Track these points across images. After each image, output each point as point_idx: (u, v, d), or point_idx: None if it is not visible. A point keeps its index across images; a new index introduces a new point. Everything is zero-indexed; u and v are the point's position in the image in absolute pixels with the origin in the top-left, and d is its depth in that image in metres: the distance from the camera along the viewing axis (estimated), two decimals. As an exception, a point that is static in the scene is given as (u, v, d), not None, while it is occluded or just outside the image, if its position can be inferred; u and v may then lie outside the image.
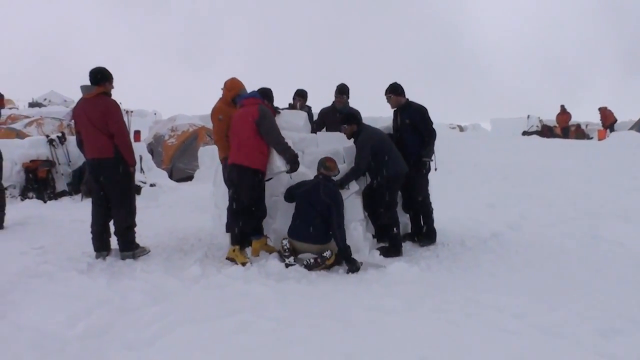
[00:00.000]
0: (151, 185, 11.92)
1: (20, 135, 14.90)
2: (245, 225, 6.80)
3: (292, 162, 6.67)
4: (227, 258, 6.68)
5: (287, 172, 6.80)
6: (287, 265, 6.29)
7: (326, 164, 6.61)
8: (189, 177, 15.07)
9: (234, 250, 6.67)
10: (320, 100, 9.57)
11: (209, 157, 13.70)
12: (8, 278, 5.91)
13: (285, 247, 6.41)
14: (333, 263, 6.39)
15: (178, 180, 14.42)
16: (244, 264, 6.45)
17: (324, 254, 6.35)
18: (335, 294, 5.50)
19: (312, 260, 6.31)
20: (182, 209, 10.36)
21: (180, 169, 15.57)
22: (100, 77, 6.78)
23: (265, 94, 7.23)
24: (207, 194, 10.06)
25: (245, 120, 6.64)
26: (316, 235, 6.41)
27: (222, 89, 8.04)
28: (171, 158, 15.75)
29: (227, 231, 7.54)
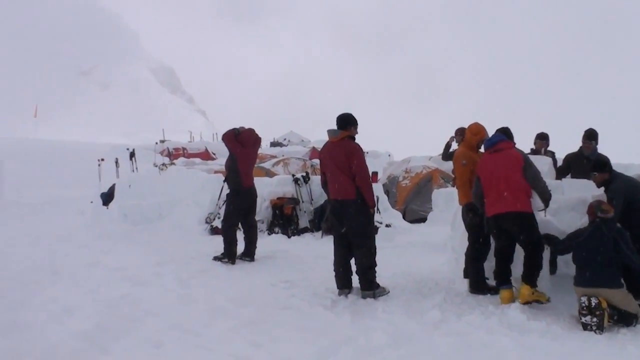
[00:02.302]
0: (387, 225, 12.15)
1: (269, 173, 16.15)
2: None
3: (548, 201, 6.61)
4: (525, 302, 6.46)
5: (541, 210, 6.73)
6: (584, 326, 5.83)
7: (602, 207, 6.22)
8: (422, 219, 15.10)
9: (532, 293, 6.51)
10: (561, 144, 9.19)
11: (443, 200, 13.63)
12: (261, 309, 6.40)
13: (584, 304, 5.88)
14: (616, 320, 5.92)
15: (411, 222, 14.53)
16: (548, 300, 6.46)
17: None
18: (583, 353, 5.15)
19: (594, 320, 5.89)
20: (417, 251, 10.40)
21: (414, 210, 15.66)
22: (347, 122, 7.16)
23: (508, 134, 7.07)
24: (442, 236, 10.02)
25: (514, 167, 6.54)
26: (608, 279, 5.98)
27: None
28: (405, 199, 15.94)
29: (465, 277, 7.44)
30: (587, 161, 8.04)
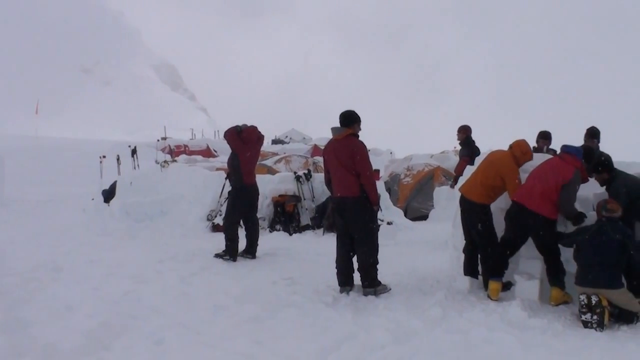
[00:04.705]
0: (388, 223, 12.16)
1: (271, 171, 16.15)
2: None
3: (572, 220, 6.61)
4: (557, 304, 6.58)
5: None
6: (585, 324, 5.87)
7: (608, 207, 6.22)
8: (424, 217, 15.14)
9: (563, 295, 6.62)
10: (563, 142, 9.21)
11: (445, 198, 13.68)
12: (263, 306, 6.40)
13: (583, 302, 5.94)
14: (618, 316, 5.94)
15: (412, 219, 14.56)
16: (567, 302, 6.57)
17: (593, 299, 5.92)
18: (584, 350, 5.15)
19: (595, 317, 5.88)
20: (418, 248, 10.41)
21: (415, 208, 15.70)
22: (350, 120, 7.14)
23: (588, 154, 6.96)
24: (443, 234, 10.03)
25: (557, 179, 6.54)
26: (609, 279, 5.97)
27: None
28: (406, 197, 15.97)
29: (465, 274, 7.44)
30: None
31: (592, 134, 8.52)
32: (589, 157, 6.88)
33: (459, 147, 11.62)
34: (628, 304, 5.93)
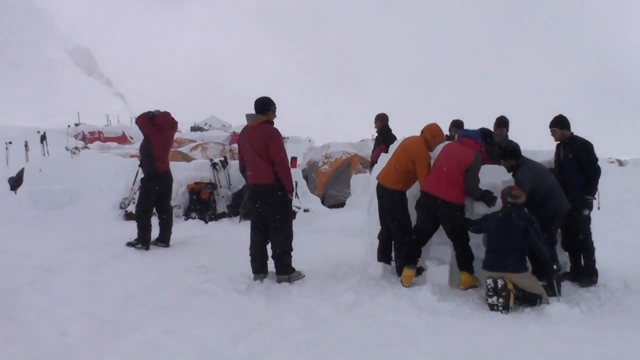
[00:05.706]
0: (305, 210, 12.19)
1: (186, 158, 15.91)
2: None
3: (486, 201, 6.80)
4: (466, 288, 6.77)
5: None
6: (491, 307, 6.05)
7: (512, 193, 6.42)
8: (341, 204, 15.26)
9: (472, 279, 6.84)
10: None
11: (361, 185, 13.83)
12: (175, 294, 6.31)
13: (490, 286, 6.11)
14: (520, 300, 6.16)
15: (330, 207, 14.65)
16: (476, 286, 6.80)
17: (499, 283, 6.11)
18: (490, 331, 5.35)
19: (501, 300, 6.08)
20: (334, 235, 10.48)
21: (333, 195, 15.82)
22: (264, 106, 7.09)
23: (487, 135, 7.10)
24: (359, 221, 10.12)
25: (460, 163, 6.71)
26: (514, 264, 6.20)
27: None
28: (324, 184, 16.06)
29: (379, 260, 7.54)
30: (498, 148, 8.25)
31: (501, 123, 8.76)
32: (488, 139, 7.11)
33: (376, 136, 11.71)
34: (532, 287, 6.18)
